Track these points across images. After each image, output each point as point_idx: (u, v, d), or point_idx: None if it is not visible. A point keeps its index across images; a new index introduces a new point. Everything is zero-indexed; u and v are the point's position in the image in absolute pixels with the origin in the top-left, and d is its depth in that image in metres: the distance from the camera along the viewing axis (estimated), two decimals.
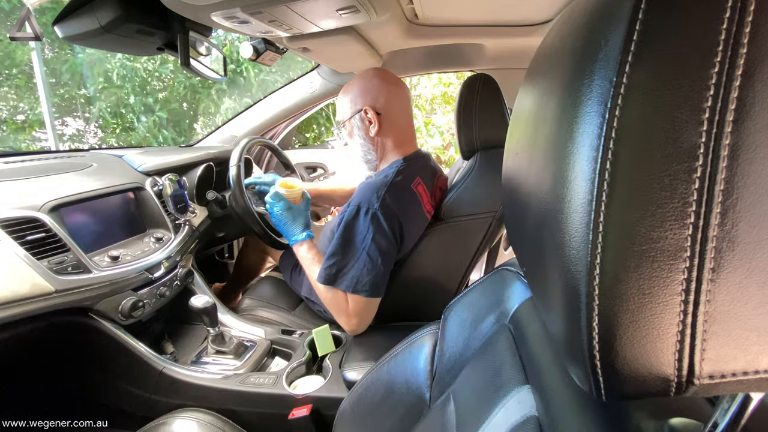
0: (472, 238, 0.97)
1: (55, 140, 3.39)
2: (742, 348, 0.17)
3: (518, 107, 0.31)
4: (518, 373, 0.36)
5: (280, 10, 0.72)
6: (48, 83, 3.34)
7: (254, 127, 1.53)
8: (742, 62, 0.15)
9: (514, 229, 0.31)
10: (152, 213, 1.00)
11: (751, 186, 0.16)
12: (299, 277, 1.13)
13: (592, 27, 0.19)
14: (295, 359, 0.90)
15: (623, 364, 0.18)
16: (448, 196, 0.99)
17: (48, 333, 0.74)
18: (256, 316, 1.11)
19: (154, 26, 0.77)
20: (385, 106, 0.94)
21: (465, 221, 0.96)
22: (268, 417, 0.81)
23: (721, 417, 0.21)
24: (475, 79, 0.97)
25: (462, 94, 0.98)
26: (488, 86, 0.97)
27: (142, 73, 3.62)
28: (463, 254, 0.98)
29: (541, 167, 0.23)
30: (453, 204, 0.97)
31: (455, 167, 1.18)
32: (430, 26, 1.05)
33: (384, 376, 0.57)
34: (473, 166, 0.97)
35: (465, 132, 0.99)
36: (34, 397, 0.87)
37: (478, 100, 0.96)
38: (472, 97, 0.96)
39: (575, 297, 0.19)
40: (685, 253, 0.16)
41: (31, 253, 0.69)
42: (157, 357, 0.87)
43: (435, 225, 0.96)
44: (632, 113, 0.16)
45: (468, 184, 0.96)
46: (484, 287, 0.52)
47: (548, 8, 0.95)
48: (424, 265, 0.97)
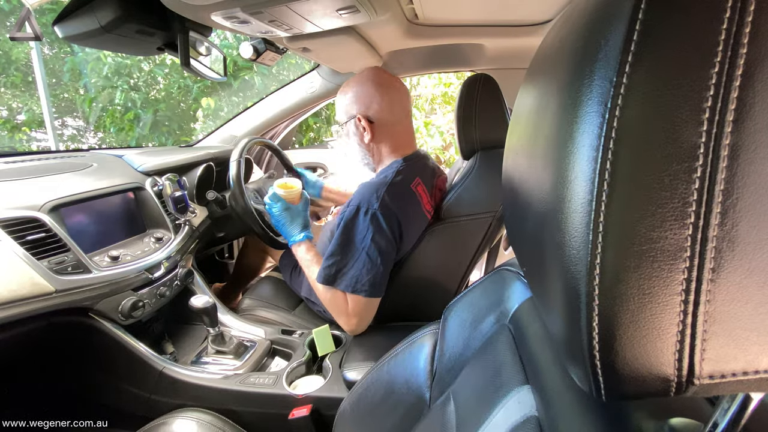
0: (472, 238, 0.97)
1: (55, 140, 3.39)
2: (742, 348, 0.17)
3: (518, 107, 0.31)
4: (518, 373, 0.36)
5: (280, 10, 0.72)
6: (47, 83, 3.34)
7: (254, 127, 1.53)
8: (742, 62, 0.15)
9: (514, 229, 0.31)
10: (152, 213, 1.00)
11: (752, 186, 0.16)
12: (299, 278, 1.13)
13: (592, 27, 0.19)
14: (295, 359, 0.90)
15: (623, 364, 0.18)
16: (448, 196, 0.99)
17: (48, 333, 0.74)
18: (256, 316, 1.11)
19: (154, 26, 0.77)
20: (378, 113, 0.93)
21: (465, 221, 0.96)
22: (268, 417, 0.81)
23: (721, 417, 0.21)
24: (476, 79, 0.97)
25: (462, 94, 0.98)
26: (488, 86, 0.97)
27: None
28: (463, 254, 0.98)
29: (541, 167, 0.23)
30: (453, 204, 0.97)
31: (455, 167, 1.18)
32: (430, 26, 1.05)
33: (384, 376, 0.57)
34: (473, 166, 0.97)
35: (465, 132, 0.98)
36: (34, 397, 0.87)
37: (478, 100, 0.96)
38: (472, 97, 0.96)
39: (575, 297, 0.19)
40: (685, 253, 0.16)
41: (31, 253, 0.69)
42: (157, 357, 0.87)
43: (435, 225, 0.96)
44: (632, 113, 0.16)
45: (468, 184, 0.96)
46: (484, 287, 0.52)
47: (548, 8, 0.95)
48: (424, 265, 0.97)
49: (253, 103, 1.53)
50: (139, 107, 3.58)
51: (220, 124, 1.57)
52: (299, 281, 1.13)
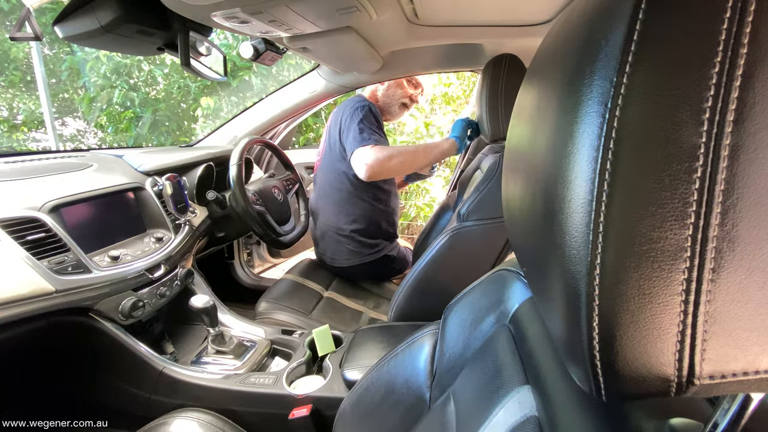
0: (495, 241, 0.94)
1: (56, 140, 3.39)
2: (743, 348, 0.17)
3: (518, 107, 0.31)
4: (518, 373, 0.36)
5: (280, 10, 0.72)
6: (48, 83, 3.34)
7: (254, 127, 1.53)
8: (742, 62, 0.15)
9: (514, 229, 0.31)
10: (152, 213, 1.00)
11: (752, 186, 0.16)
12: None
13: (592, 27, 0.19)
14: (295, 359, 0.90)
15: (623, 364, 0.18)
16: (470, 199, 0.95)
17: (48, 333, 0.74)
18: (272, 319, 1.11)
19: (154, 26, 0.77)
20: None
21: (489, 224, 0.93)
22: (268, 417, 0.81)
23: (722, 417, 0.21)
24: (501, 58, 0.94)
25: (486, 76, 0.94)
26: (514, 66, 0.93)
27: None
28: (485, 257, 0.95)
29: (541, 167, 0.23)
30: (476, 207, 0.94)
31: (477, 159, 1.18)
32: (430, 26, 1.05)
33: (384, 376, 0.57)
34: (495, 168, 0.94)
35: (491, 115, 0.95)
36: (34, 397, 0.87)
37: (503, 81, 0.92)
38: (498, 78, 0.93)
39: (575, 297, 0.18)
40: (686, 253, 0.16)
41: (31, 253, 0.69)
42: (157, 357, 0.87)
43: (458, 228, 0.94)
44: (632, 113, 0.16)
45: (491, 186, 0.93)
46: (484, 287, 0.52)
47: (548, 8, 0.94)
48: (445, 267, 0.94)
49: (253, 103, 1.53)
50: (137, 106, 3.57)
51: (220, 124, 1.57)
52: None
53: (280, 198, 1.28)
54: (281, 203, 1.27)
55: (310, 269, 1.36)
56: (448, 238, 0.94)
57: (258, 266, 1.79)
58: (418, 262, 0.95)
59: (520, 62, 0.95)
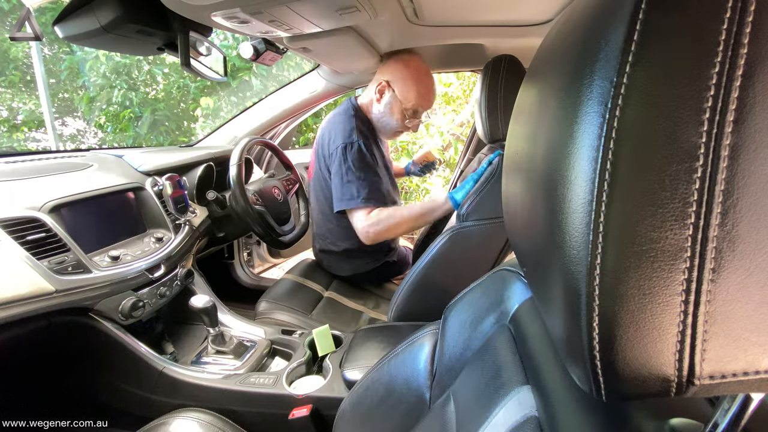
0: (495, 241, 0.94)
1: (55, 140, 3.39)
2: (743, 348, 0.17)
3: (518, 107, 0.31)
4: (518, 373, 0.36)
5: (280, 10, 0.72)
6: (47, 82, 3.34)
7: (255, 127, 1.53)
8: (742, 62, 0.15)
9: (514, 229, 0.31)
10: (152, 213, 1.00)
11: (752, 186, 0.16)
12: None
13: (592, 27, 0.19)
14: (295, 359, 0.90)
15: (623, 364, 0.18)
16: (470, 199, 0.95)
17: (48, 333, 0.74)
18: (272, 319, 1.11)
19: (154, 26, 0.77)
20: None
21: (489, 224, 0.93)
22: (268, 417, 0.81)
23: (722, 417, 0.21)
24: (500, 60, 0.94)
25: (485, 77, 0.94)
26: (513, 68, 0.93)
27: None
28: (484, 257, 0.95)
29: (541, 167, 0.23)
30: (476, 207, 0.94)
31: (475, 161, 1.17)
32: (430, 26, 1.05)
33: (384, 376, 0.57)
34: (495, 169, 0.93)
35: (490, 116, 0.95)
36: (34, 397, 0.87)
37: (503, 82, 0.93)
38: (497, 79, 0.93)
39: (575, 297, 0.18)
40: (686, 253, 0.16)
41: (31, 253, 0.69)
42: (157, 357, 0.87)
43: (457, 228, 0.93)
44: (632, 113, 0.16)
45: (491, 187, 0.92)
46: (484, 287, 0.52)
47: (548, 8, 0.94)
48: (445, 267, 0.95)
49: (253, 103, 1.53)
50: (136, 106, 3.57)
51: (220, 124, 1.57)
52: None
53: (280, 198, 1.28)
54: (281, 203, 1.27)
55: (310, 269, 1.36)
56: (447, 238, 0.94)
57: (258, 266, 1.78)
58: (418, 263, 0.95)
59: (518, 63, 0.95)
